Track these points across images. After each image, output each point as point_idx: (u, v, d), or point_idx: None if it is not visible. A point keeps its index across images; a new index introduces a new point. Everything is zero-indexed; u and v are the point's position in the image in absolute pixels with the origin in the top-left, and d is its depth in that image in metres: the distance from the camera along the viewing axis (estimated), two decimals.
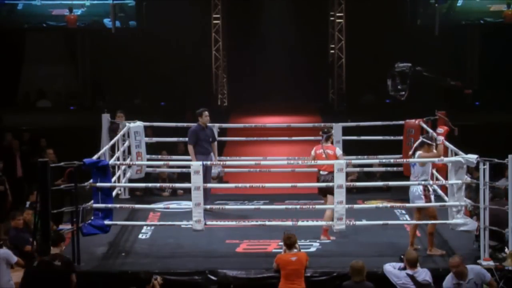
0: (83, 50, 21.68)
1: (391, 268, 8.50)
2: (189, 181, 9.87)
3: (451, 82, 13.67)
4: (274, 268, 8.88)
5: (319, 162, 10.33)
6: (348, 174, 11.28)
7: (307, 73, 20.99)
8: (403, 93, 12.51)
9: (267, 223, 10.18)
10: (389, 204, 11.00)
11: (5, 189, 12.78)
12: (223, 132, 14.31)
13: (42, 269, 8.34)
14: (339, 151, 10.54)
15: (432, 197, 9.81)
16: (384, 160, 11.46)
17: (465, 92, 19.04)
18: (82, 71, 21.79)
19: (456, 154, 10.10)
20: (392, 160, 11.35)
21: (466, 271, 8.29)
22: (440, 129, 10.85)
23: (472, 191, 10.51)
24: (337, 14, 20.23)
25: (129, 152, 12.68)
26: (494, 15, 19.78)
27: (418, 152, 9.78)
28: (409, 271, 8.35)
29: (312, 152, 10.58)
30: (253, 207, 11.08)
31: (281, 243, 9.10)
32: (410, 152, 10.05)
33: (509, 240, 9.13)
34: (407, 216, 11.24)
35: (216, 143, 12.26)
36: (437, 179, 11.35)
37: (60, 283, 8.28)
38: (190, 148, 11.78)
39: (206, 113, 11.94)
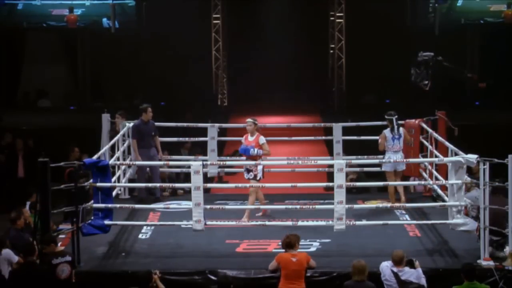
0: (83, 50, 21.67)
1: (384, 265, 8.47)
2: (189, 181, 9.88)
3: (468, 74, 13.66)
4: (273, 267, 8.84)
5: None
6: (348, 174, 11.31)
7: (307, 73, 21.00)
8: (426, 82, 12.49)
9: (267, 223, 10.18)
10: (389, 204, 11.02)
11: None
12: (223, 132, 14.30)
13: (27, 270, 8.25)
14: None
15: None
16: (384, 160, 11.46)
17: (480, 85, 18.95)
18: (82, 71, 21.78)
19: (456, 154, 10.10)
20: (392, 160, 11.34)
21: None
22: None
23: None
24: (337, 14, 20.24)
25: (129, 152, 12.68)
26: (494, 15, 19.78)
27: (402, 129, 11.72)
28: (394, 269, 8.35)
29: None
30: (253, 207, 11.07)
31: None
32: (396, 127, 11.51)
33: (509, 240, 9.13)
34: (407, 216, 11.24)
35: (158, 137, 12.49)
36: (437, 179, 11.36)
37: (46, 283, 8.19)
38: (134, 142, 12.20)
39: (150, 109, 12.30)
